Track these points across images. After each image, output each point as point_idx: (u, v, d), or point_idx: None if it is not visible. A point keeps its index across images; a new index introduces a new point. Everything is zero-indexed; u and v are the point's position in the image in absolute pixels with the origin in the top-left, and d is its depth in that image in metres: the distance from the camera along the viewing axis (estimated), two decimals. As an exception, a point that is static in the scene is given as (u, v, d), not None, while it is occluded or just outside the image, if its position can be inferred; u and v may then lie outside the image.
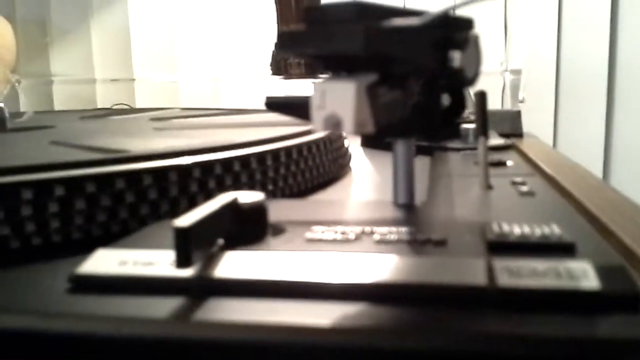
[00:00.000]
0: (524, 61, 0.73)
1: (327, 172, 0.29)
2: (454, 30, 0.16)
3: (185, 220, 0.14)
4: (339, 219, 0.20)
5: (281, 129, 0.29)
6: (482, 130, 0.24)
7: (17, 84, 0.93)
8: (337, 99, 0.15)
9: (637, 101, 0.85)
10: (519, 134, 0.53)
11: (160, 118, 0.42)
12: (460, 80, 0.17)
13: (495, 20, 0.78)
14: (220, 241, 0.16)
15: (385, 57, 0.15)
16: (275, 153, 0.25)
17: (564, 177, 0.29)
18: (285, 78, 0.90)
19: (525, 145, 0.46)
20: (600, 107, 0.86)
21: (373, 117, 0.15)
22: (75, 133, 0.33)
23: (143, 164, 0.20)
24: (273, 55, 0.93)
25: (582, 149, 0.87)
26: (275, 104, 0.21)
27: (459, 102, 0.20)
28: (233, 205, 0.16)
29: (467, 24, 0.17)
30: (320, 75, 0.17)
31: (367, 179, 0.32)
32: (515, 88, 0.68)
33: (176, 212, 0.21)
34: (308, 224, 0.18)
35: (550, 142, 0.87)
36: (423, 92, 0.19)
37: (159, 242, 0.16)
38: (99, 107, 1.00)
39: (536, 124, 0.78)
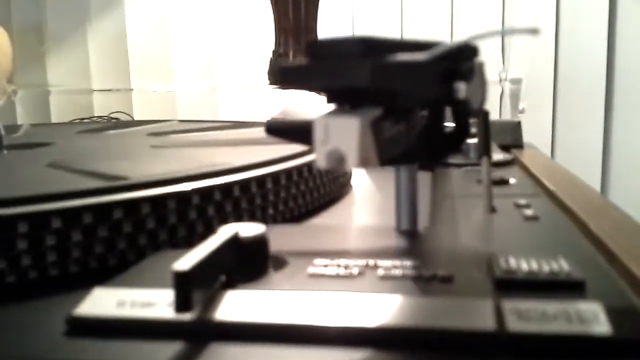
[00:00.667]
0: (523, 70, 0.73)
1: (328, 193, 0.28)
2: (459, 61, 0.16)
3: (185, 263, 0.13)
4: (342, 249, 0.19)
5: (280, 148, 0.28)
6: (485, 151, 0.24)
7: (13, 96, 0.93)
8: (340, 134, 0.14)
9: (635, 107, 0.85)
10: (520, 145, 0.53)
11: (158, 133, 0.42)
12: (466, 110, 0.17)
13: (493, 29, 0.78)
14: (222, 277, 0.16)
15: (391, 92, 0.14)
16: (275, 176, 0.24)
17: (567, 196, 0.29)
18: (283, 87, 0.89)
19: (526, 158, 0.46)
20: (599, 114, 0.86)
21: (377, 152, 0.15)
22: (72, 152, 0.32)
23: (141, 192, 0.20)
24: (271, 63, 0.93)
25: (581, 156, 0.87)
26: (276, 129, 0.21)
27: (463, 129, 0.19)
28: (234, 239, 0.16)
29: (472, 52, 0.17)
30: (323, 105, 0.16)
31: (368, 198, 0.32)
32: (515, 97, 0.68)
33: (175, 241, 0.21)
34: (310, 255, 0.18)
35: (549, 149, 0.87)
36: (427, 121, 0.18)
37: (158, 278, 0.16)
38: (96, 114, 0.99)
39: (534, 130, 0.78)
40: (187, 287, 0.13)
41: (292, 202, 0.25)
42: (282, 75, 0.14)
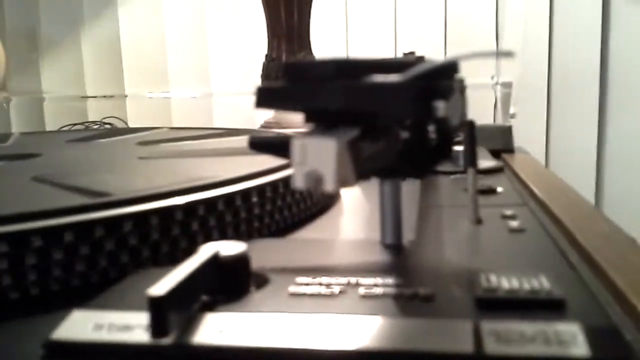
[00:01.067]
0: (516, 71, 0.73)
1: (316, 204, 0.28)
2: (437, 80, 0.16)
3: (161, 287, 0.13)
4: (324, 265, 0.19)
5: (268, 159, 0.28)
6: (471, 161, 0.24)
7: (5, 105, 0.93)
8: (318, 155, 0.14)
9: (629, 108, 0.85)
10: (511, 150, 0.53)
11: (147, 142, 0.42)
12: (446, 128, 0.17)
13: (486, 33, 0.78)
14: (203, 297, 0.15)
15: (366, 113, 0.14)
16: (260, 189, 0.24)
17: (556, 205, 0.29)
18: (260, 108, 0.89)
19: (516, 163, 0.46)
20: (593, 116, 0.86)
21: (355, 173, 0.15)
22: (59, 164, 0.32)
23: (123, 209, 0.20)
24: (264, 67, 0.93)
25: (575, 158, 0.87)
26: (258, 145, 0.20)
27: (446, 143, 0.19)
28: (214, 259, 0.16)
29: (451, 70, 0.17)
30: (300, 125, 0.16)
31: (357, 209, 0.32)
32: (506, 101, 0.68)
33: (157, 258, 0.20)
34: (292, 272, 0.18)
35: (543, 152, 0.88)
36: (410, 136, 0.18)
37: (137, 298, 0.16)
38: (90, 119, 0.99)
39: (528, 133, 0.78)
40: (162, 312, 0.13)
41: (278, 215, 0.25)
42: (259, 96, 0.14)
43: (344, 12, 1.00)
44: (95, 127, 0.91)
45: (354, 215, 0.30)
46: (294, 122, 0.88)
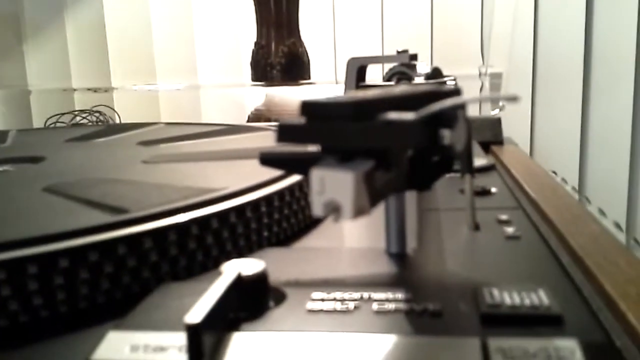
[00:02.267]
0: (503, 65, 0.74)
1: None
2: (444, 110, 0.17)
3: (196, 314, 0.14)
4: (336, 278, 0.20)
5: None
6: (468, 168, 0.25)
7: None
8: (336, 186, 0.16)
9: (611, 95, 0.87)
10: (500, 141, 0.55)
11: (148, 142, 0.42)
12: (450, 153, 0.18)
13: (474, 24, 0.78)
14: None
15: (382, 149, 0.15)
16: (269, 198, 0.25)
17: (547, 206, 0.30)
18: (266, 85, 0.90)
19: (506, 157, 0.47)
20: (576, 105, 0.88)
21: (370, 201, 0.16)
22: (65, 171, 0.33)
23: (143, 226, 0.21)
24: (253, 54, 0.93)
25: (559, 145, 0.89)
26: (270, 161, 0.21)
27: (447, 162, 0.20)
28: (237, 279, 0.17)
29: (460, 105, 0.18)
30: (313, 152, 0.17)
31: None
32: (495, 92, 0.69)
33: (176, 272, 0.22)
34: (306, 285, 0.19)
35: (528, 140, 0.89)
36: (413, 156, 0.19)
37: (167, 316, 0.17)
38: (77, 108, 0.99)
39: (514, 121, 0.79)
40: (198, 338, 0.14)
41: (286, 223, 0.26)
42: (280, 132, 0.15)
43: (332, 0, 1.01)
44: (85, 115, 0.91)
45: (358, 221, 0.31)
46: (283, 109, 0.89)
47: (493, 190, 0.32)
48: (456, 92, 0.18)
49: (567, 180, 0.90)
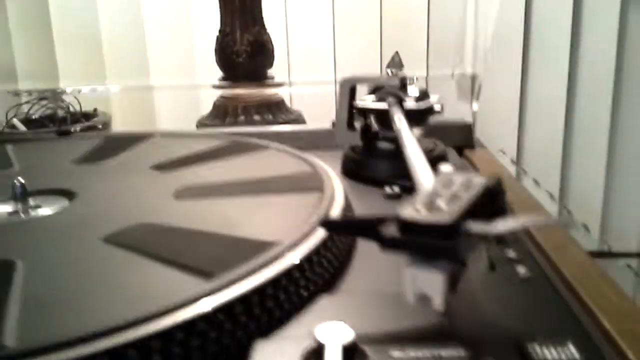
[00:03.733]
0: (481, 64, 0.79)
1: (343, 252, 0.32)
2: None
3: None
4: (401, 331, 0.24)
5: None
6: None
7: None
8: (427, 283, 0.20)
9: (549, 61, 0.95)
10: (471, 146, 0.59)
11: (160, 166, 0.45)
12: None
13: (449, 24, 0.83)
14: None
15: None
16: (317, 250, 0.29)
17: (540, 237, 0.35)
18: (231, 87, 0.92)
19: (479, 162, 0.53)
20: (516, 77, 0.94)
21: (451, 292, 0.20)
22: (105, 212, 0.35)
23: (230, 293, 0.24)
24: (217, 41, 0.94)
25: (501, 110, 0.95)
26: (334, 226, 0.25)
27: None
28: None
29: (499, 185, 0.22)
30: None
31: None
32: (469, 94, 0.74)
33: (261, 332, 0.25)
34: (381, 342, 0.23)
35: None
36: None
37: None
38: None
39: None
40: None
41: (320, 268, 0.30)
42: (386, 241, 0.19)
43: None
44: (44, 102, 0.90)
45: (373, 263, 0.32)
46: (249, 96, 0.91)
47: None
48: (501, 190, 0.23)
49: (505, 152, 0.98)
